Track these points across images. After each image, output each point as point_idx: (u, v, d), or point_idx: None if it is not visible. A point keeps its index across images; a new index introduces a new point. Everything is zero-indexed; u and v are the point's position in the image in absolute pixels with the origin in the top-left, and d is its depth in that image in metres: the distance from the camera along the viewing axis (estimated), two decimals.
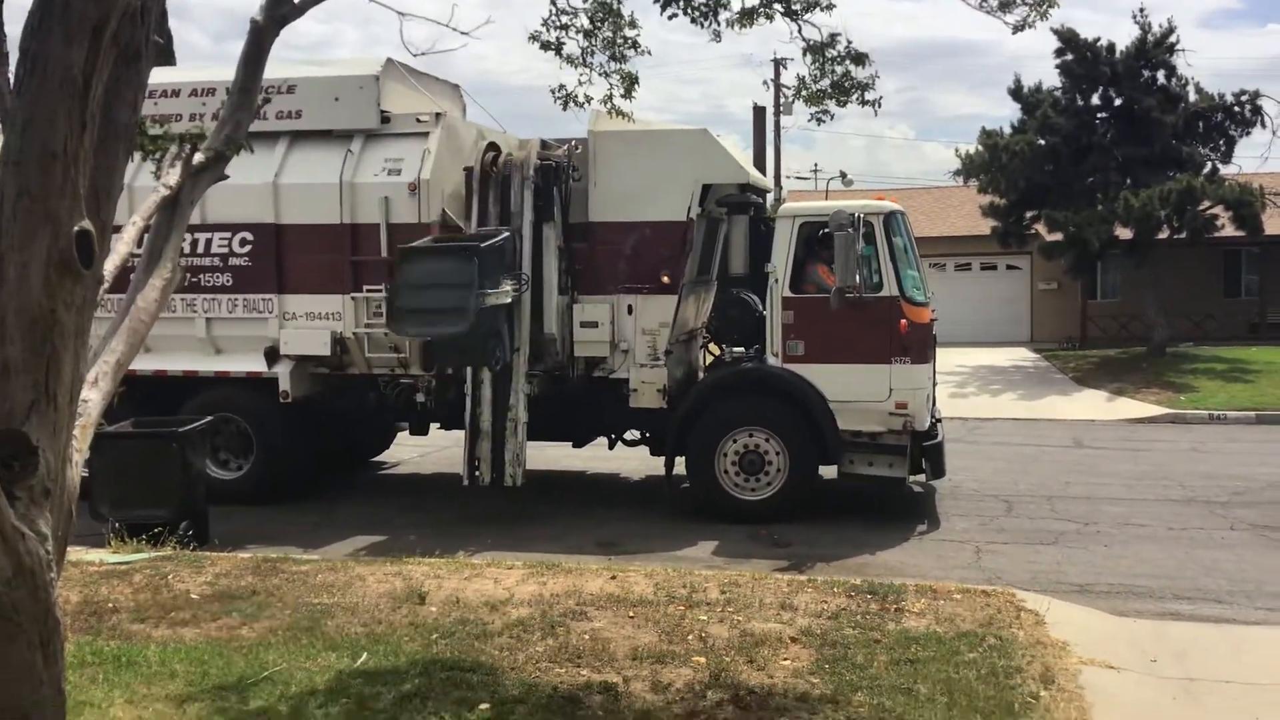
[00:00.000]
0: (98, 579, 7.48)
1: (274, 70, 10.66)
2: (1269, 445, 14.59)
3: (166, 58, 17.32)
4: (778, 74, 27.76)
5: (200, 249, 10.73)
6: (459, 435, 10.51)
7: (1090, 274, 28.11)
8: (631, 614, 6.53)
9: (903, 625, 6.34)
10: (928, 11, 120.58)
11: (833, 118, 6.49)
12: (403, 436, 12.91)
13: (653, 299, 10.19)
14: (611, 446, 11.30)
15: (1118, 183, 23.62)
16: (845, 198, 14.23)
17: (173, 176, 5.17)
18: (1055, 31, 24.67)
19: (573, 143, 10.60)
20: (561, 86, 6.35)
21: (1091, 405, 18.80)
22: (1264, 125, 24.19)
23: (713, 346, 11.24)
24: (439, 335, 9.11)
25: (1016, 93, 25.58)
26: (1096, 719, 4.95)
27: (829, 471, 10.31)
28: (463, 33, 5.40)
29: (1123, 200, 22.18)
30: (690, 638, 6.11)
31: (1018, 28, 5.65)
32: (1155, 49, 24.33)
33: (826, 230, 9.67)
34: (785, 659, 5.78)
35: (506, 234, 9.58)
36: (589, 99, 6.26)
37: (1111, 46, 24.54)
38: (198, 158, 5.26)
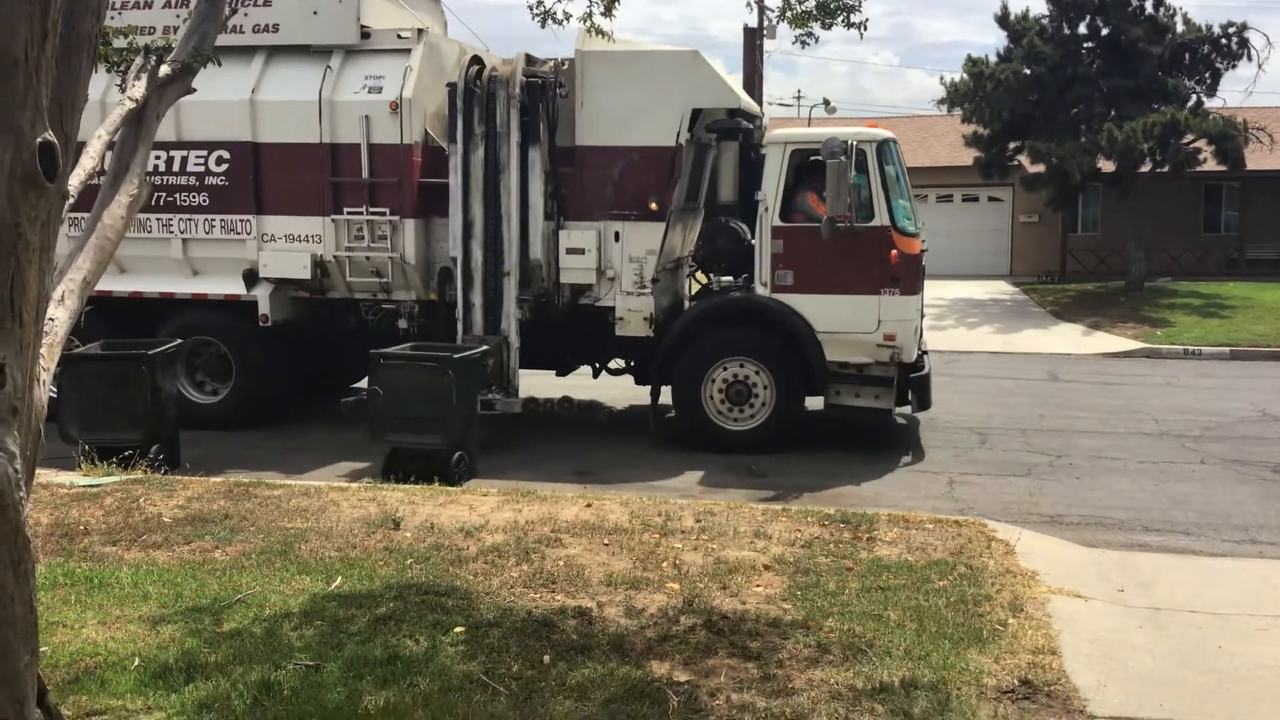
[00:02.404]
0: (68, 501, 7.43)
1: None
2: (1242, 380, 14.73)
3: None
4: None
5: (176, 168, 10.54)
6: None
7: (1071, 207, 28.10)
8: (606, 541, 6.55)
9: (874, 554, 6.39)
10: None
11: (817, 40, 6.37)
12: None
13: (640, 226, 10.04)
14: (596, 375, 11.24)
15: (1102, 114, 23.50)
16: (830, 125, 13.97)
17: (138, 89, 5.03)
18: None
19: (559, 60, 10.30)
20: (540, 2, 6.18)
21: (1068, 339, 18.91)
22: (1250, 59, 24.12)
23: (699, 275, 11.14)
24: (421, 446, 8.71)
25: (1003, 20, 25.28)
26: (1063, 646, 5.01)
27: (814, 403, 10.32)
28: None
29: (1106, 132, 22.08)
30: (665, 565, 6.14)
31: None
32: None
33: (818, 158, 9.52)
34: (758, 585, 5.82)
35: (485, 348, 9.36)
36: (568, 16, 6.10)
37: None
38: (164, 70, 5.12)
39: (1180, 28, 24.26)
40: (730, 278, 10.58)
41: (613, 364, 11.11)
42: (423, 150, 10.19)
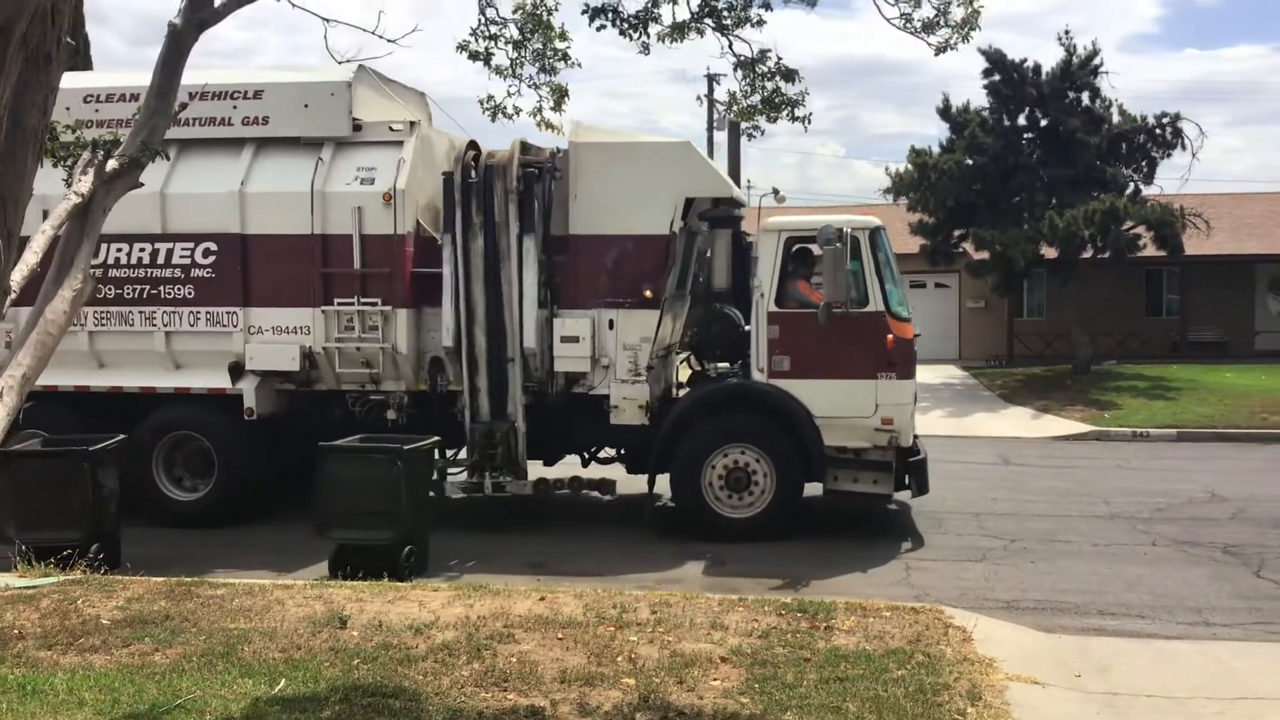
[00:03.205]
0: (2, 605, 7.17)
1: (240, 75, 10.50)
2: (1190, 462, 14.94)
3: (81, 62, 16.95)
4: (711, 89, 27.80)
5: (161, 260, 10.47)
6: None
7: (1017, 292, 28.66)
8: (560, 636, 6.43)
9: (832, 643, 6.33)
10: (857, 31, 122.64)
11: (763, 133, 6.50)
12: None
13: (634, 313, 10.03)
14: (586, 464, 11.09)
15: (1043, 202, 24.13)
16: (780, 213, 14.24)
17: (84, 184, 5.00)
18: (983, 52, 25.19)
19: (555, 149, 10.41)
20: (490, 97, 6.27)
21: (1018, 422, 19.12)
22: (1184, 147, 24.90)
23: (691, 362, 11.22)
24: (369, 541, 8.54)
25: (945, 112, 26.03)
26: None
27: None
28: (389, 40, 5.30)
29: (1048, 219, 22.67)
30: (620, 659, 6.03)
31: (940, 49, 5.71)
32: (1080, 71, 24.93)
33: (812, 245, 9.75)
34: (715, 679, 5.72)
35: (436, 439, 9.24)
36: (518, 110, 6.18)
37: (1038, 68, 25.11)
38: (111, 164, 5.09)
39: (1116, 118, 25.10)
40: (726, 364, 10.56)
41: (603, 453, 11.01)
42: (414, 240, 10.23)
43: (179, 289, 10.45)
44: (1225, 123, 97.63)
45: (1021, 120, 25.51)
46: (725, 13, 5.65)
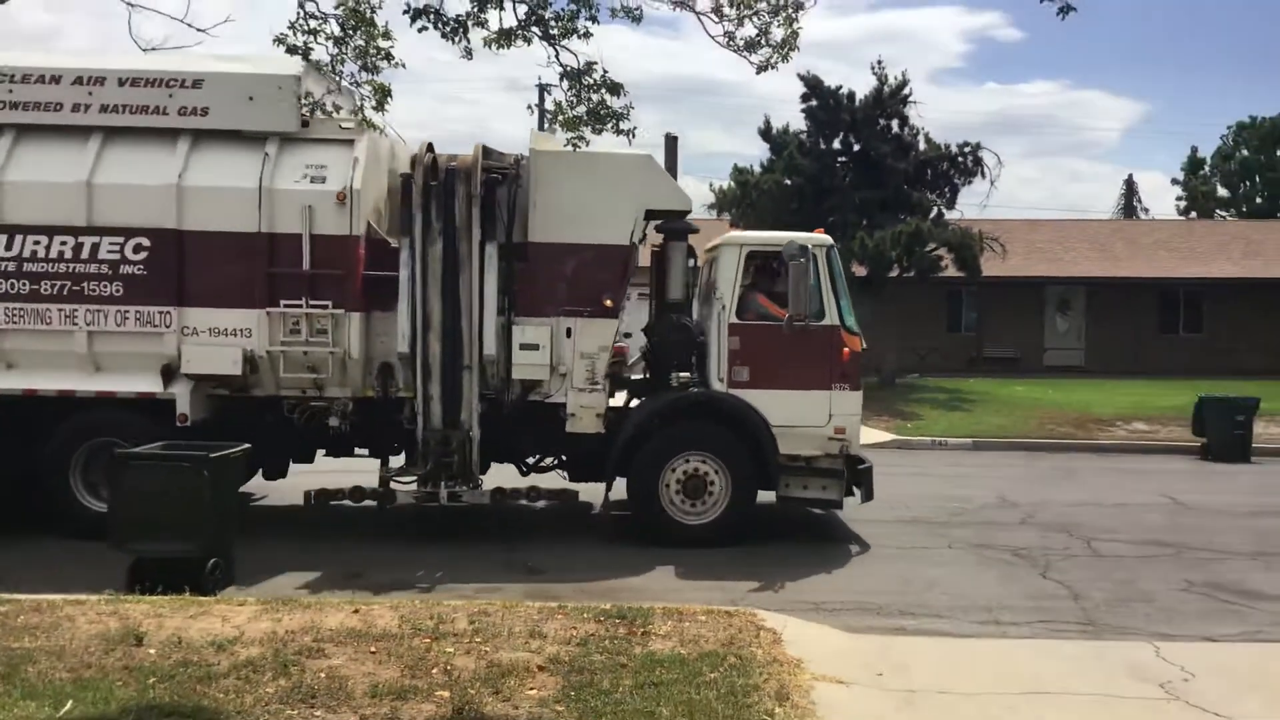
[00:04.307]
0: None
1: (178, 63, 9.82)
2: (984, 469, 15.88)
3: None
4: (542, 99, 27.94)
5: (85, 255, 9.72)
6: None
7: None
8: (373, 649, 6.26)
9: (649, 648, 6.40)
10: (686, 50, 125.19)
11: (589, 144, 6.55)
12: None
13: (593, 322, 10.07)
14: (525, 474, 10.90)
15: (855, 223, 25.22)
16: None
17: None
18: (801, 77, 26.19)
19: (517, 155, 10.30)
20: (308, 94, 6.08)
21: None
22: (983, 175, 26.56)
23: (636, 371, 11.32)
24: (170, 554, 8.07)
25: (766, 133, 26.91)
26: None
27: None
28: (199, 29, 5.06)
29: (859, 240, 23.73)
30: (435, 671, 5.92)
31: (761, 68, 5.90)
32: (890, 100, 26.22)
33: (770, 260, 10.27)
34: (532, 688, 5.69)
35: (246, 446, 8.77)
36: (338, 108, 6.02)
37: (852, 95, 26.27)
38: None
39: (923, 146, 26.53)
40: (687, 374, 10.52)
41: (530, 460, 10.86)
42: (366, 243, 9.86)
43: (106, 286, 9.76)
44: (1021, 153, 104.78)
45: (836, 144, 26.64)
46: (552, 22, 5.68)
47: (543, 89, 28.78)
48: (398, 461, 10.41)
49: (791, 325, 9.96)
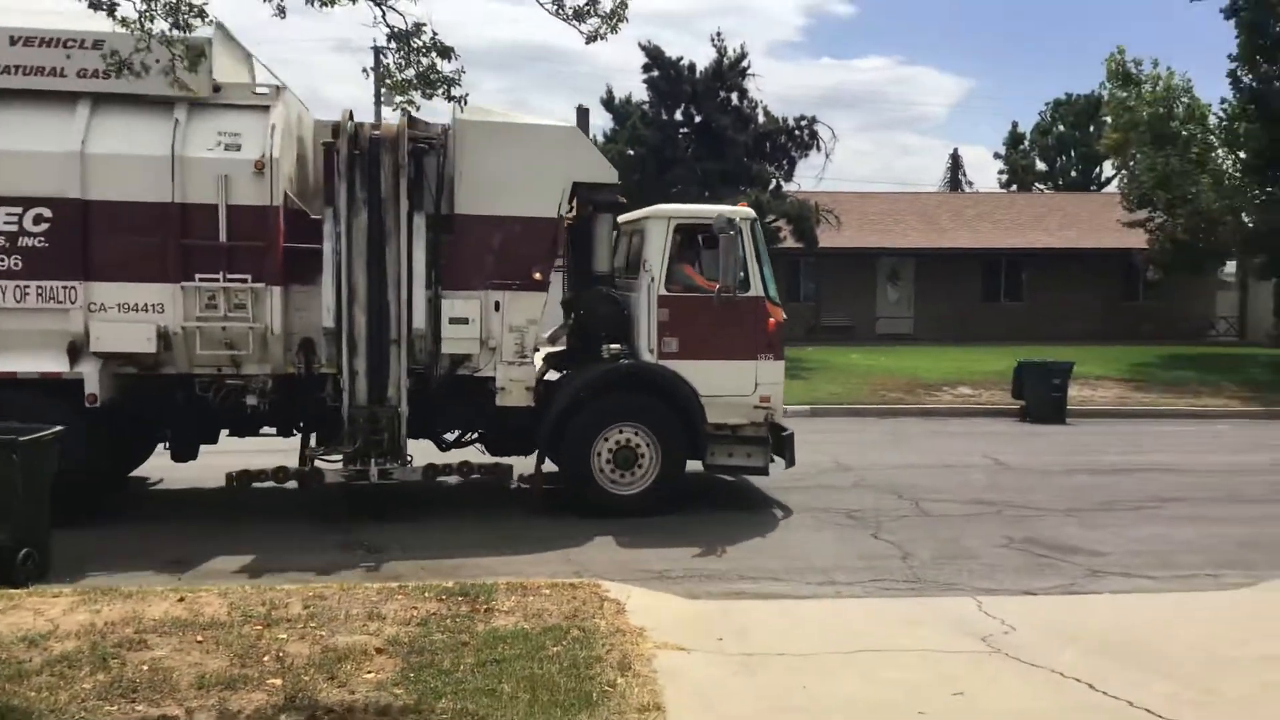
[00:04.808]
0: None
1: (75, 23, 8.96)
2: (820, 435, 16.30)
3: None
4: (378, 62, 27.12)
5: None
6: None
7: None
8: (200, 638, 6.00)
9: (492, 625, 6.34)
10: (528, 15, 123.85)
11: (418, 109, 6.37)
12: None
13: (521, 295, 9.98)
14: (444, 449, 10.66)
15: (697, 194, 25.47)
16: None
17: None
18: (643, 47, 26.29)
19: (442, 125, 9.97)
20: (115, 53, 5.70)
21: None
22: (819, 148, 27.25)
23: (555, 344, 11.26)
24: None
25: (609, 103, 26.91)
26: (667, 700, 5.20)
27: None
28: None
29: None
30: (266, 659, 5.71)
31: (591, 38, 5.84)
32: (730, 72, 26.58)
33: (697, 232, 10.47)
34: (369, 672, 5.56)
35: (58, 428, 8.16)
36: (146, 68, 5.66)
37: (693, 66, 26.52)
38: None
39: (762, 119, 27.03)
40: (618, 345, 10.47)
41: (447, 436, 10.72)
42: (284, 213, 9.38)
43: (2, 260, 9.11)
44: (855, 127, 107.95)
45: (678, 116, 26.86)
46: None
47: (378, 52, 27.90)
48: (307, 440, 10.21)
49: (721, 297, 10.15)
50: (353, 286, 9.60)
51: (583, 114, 30.71)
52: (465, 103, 6.13)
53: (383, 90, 6.05)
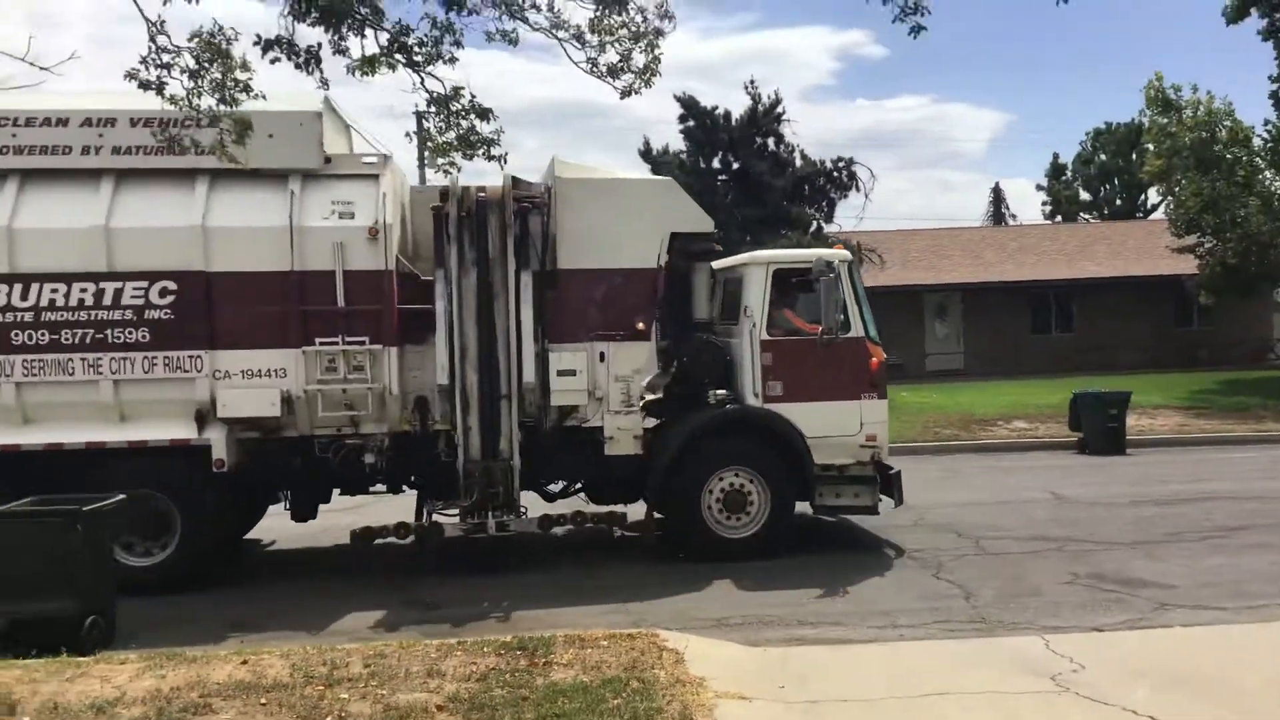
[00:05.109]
0: None
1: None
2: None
3: None
4: (420, 126, 27.59)
5: (107, 301, 9.34)
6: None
7: None
8: (264, 701, 6.03)
9: (550, 679, 6.31)
10: (564, 74, 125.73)
11: (460, 170, 6.50)
12: None
13: (625, 345, 10.23)
14: (550, 500, 10.93)
15: (739, 240, 25.61)
16: None
17: None
18: (677, 98, 26.57)
19: (544, 185, 10.33)
20: (164, 125, 5.89)
21: None
22: (858, 189, 27.34)
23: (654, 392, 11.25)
24: (43, 613, 7.70)
25: (646, 154, 27.20)
26: None
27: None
28: (43, 68, 4.85)
29: None
30: (329, 719, 5.73)
31: (625, 93, 5.95)
32: (764, 118, 26.81)
33: (796, 276, 10.64)
34: None
35: (122, 497, 8.44)
36: (196, 144, 5.83)
37: (728, 115, 26.80)
38: None
39: (799, 162, 27.19)
40: (724, 390, 10.68)
41: (552, 487, 10.93)
42: (398, 276, 9.75)
43: (131, 332, 9.43)
44: (892, 166, 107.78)
45: (715, 163, 27.09)
46: (416, 48, 5.61)
47: (420, 116, 28.41)
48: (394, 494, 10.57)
49: (823, 339, 10.31)
50: (464, 344, 9.90)
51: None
52: (505, 162, 6.26)
53: (425, 153, 6.19)
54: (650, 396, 11.08)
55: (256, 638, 8.13)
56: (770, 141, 27.11)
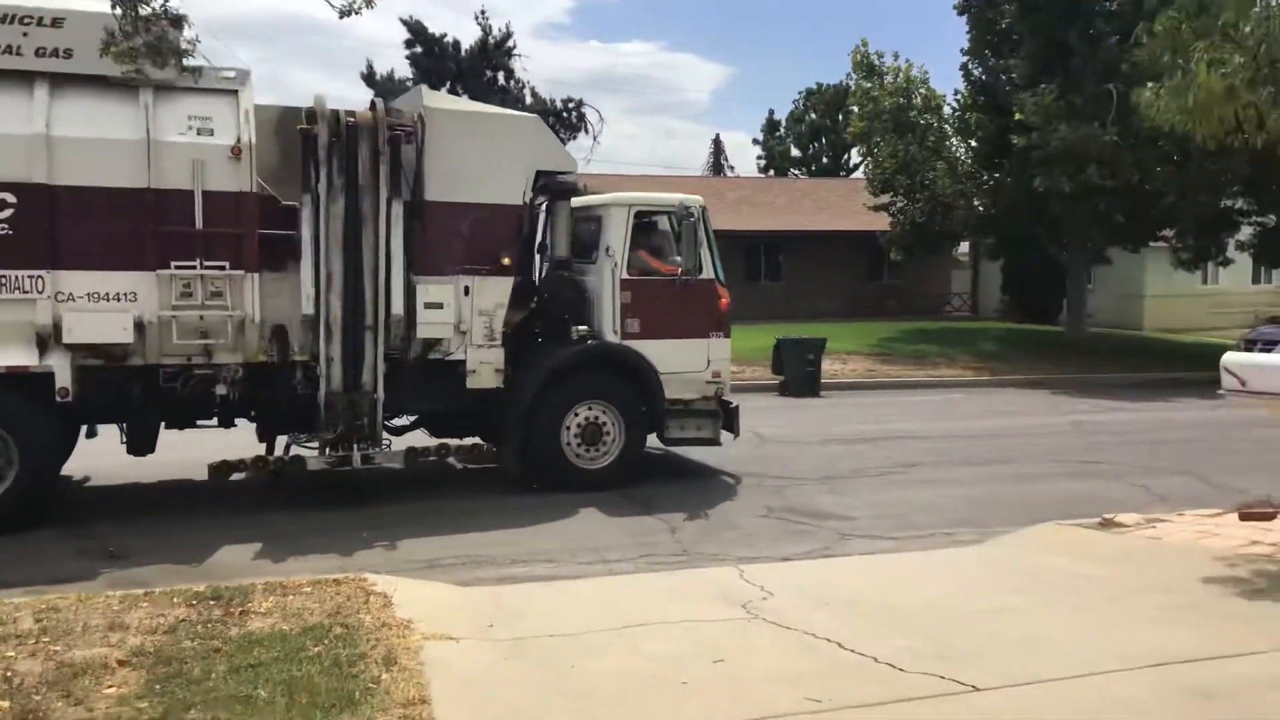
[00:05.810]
0: None
1: (35, 0, 8.47)
2: None
3: None
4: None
5: None
6: None
7: None
8: None
9: (247, 628, 6.05)
10: None
11: (141, 74, 5.95)
12: None
13: (490, 280, 10.24)
14: (397, 434, 11.05)
15: None
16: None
17: None
18: (404, 22, 25.73)
19: (418, 114, 9.86)
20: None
21: None
22: (587, 131, 27.55)
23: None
24: None
25: (369, 79, 26.22)
26: (434, 692, 5.11)
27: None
28: None
29: None
30: None
31: (344, 13, 5.66)
32: (496, 51, 26.41)
33: (654, 217, 11.24)
34: (110, 686, 5.18)
35: None
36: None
37: (457, 44, 26.22)
38: None
39: (530, 100, 26.96)
40: (585, 327, 10.89)
41: (398, 421, 10.97)
42: (256, 198, 8.90)
43: None
44: (622, 111, 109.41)
45: (443, 93, 26.38)
46: None
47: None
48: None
49: (682, 279, 10.87)
50: (329, 273, 9.60)
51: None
52: (199, 75, 5.79)
53: (105, 55, 5.64)
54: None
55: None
56: (500, 76, 26.74)
